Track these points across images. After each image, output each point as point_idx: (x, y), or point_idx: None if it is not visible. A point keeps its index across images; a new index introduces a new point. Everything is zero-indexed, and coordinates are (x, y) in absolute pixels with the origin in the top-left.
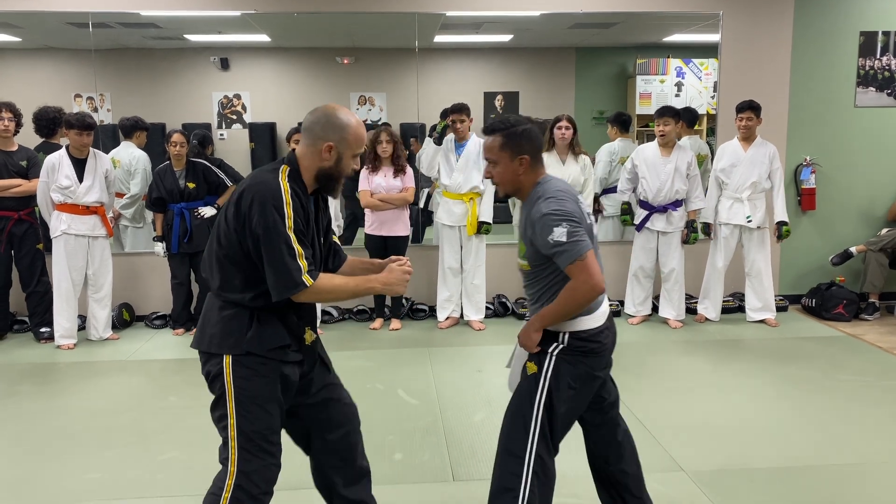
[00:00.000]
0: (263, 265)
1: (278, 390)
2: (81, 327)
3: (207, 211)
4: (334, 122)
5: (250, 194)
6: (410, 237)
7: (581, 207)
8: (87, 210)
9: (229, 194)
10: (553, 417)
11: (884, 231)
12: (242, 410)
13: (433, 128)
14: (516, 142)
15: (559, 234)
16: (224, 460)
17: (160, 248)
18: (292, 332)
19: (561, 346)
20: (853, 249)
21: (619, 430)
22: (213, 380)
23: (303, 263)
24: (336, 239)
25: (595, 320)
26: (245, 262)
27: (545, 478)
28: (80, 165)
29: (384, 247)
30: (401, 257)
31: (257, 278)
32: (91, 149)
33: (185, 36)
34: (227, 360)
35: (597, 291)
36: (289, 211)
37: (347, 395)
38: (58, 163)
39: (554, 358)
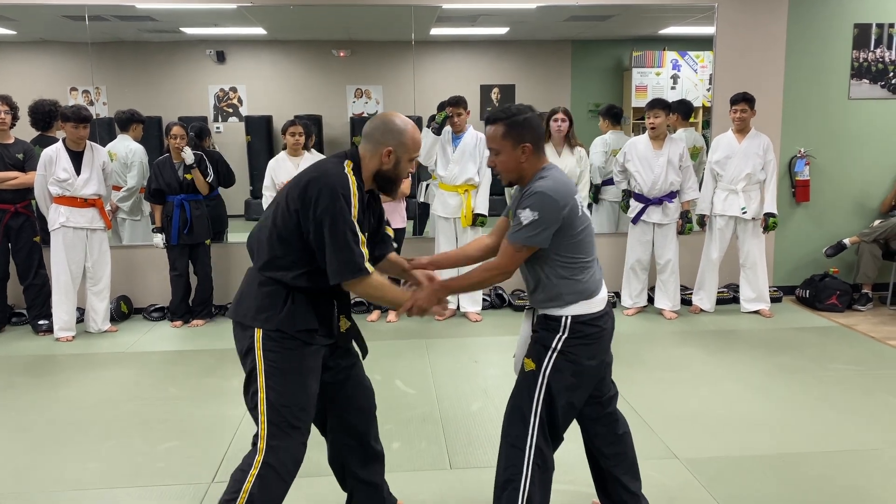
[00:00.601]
0: (324, 249)
1: (309, 364)
2: (80, 320)
3: (188, 157)
4: (392, 127)
5: (318, 182)
6: (407, 229)
7: (577, 199)
8: (85, 203)
9: (200, 179)
10: (553, 411)
11: (876, 222)
12: (272, 383)
13: (432, 118)
14: (518, 130)
15: (527, 216)
16: (254, 438)
17: (159, 239)
18: (323, 318)
19: (563, 335)
20: (846, 241)
21: (618, 425)
22: (246, 353)
23: (365, 251)
24: (389, 230)
25: (595, 304)
26: (298, 243)
27: (545, 469)
28: (77, 158)
29: None
30: (434, 274)
31: (305, 260)
32: (88, 141)
33: (182, 29)
34: (258, 335)
35: (504, 278)
36: (354, 201)
37: (367, 378)
38: (55, 156)
39: (555, 354)
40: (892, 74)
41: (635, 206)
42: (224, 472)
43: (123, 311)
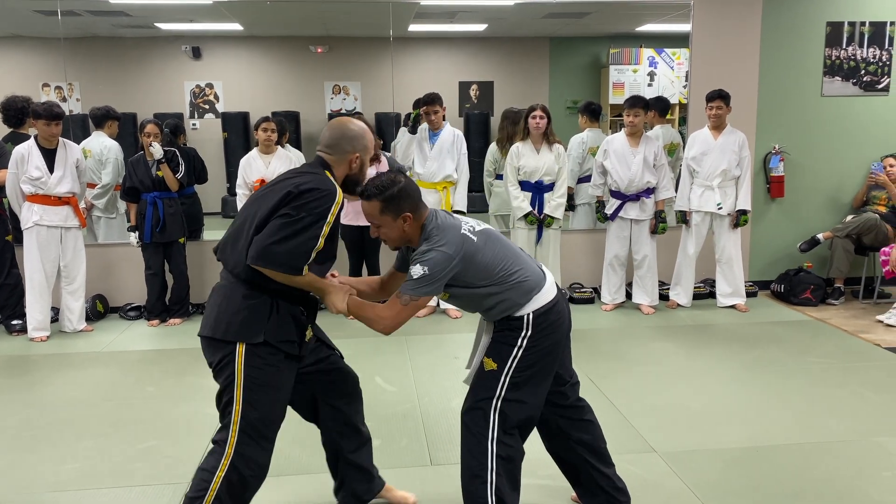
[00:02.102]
0: (275, 228)
1: (286, 377)
2: (54, 319)
3: (156, 151)
4: (352, 134)
5: (311, 184)
6: None
7: (464, 231)
8: (59, 201)
9: (170, 175)
10: (518, 405)
11: (849, 218)
12: (251, 398)
13: (408, 116)
14: (395, 203)
15: (417, 271)
16: (221, 441)
17: (134, 237)
18: (300, 328)
19: (527, 332)
20: (820, 236)
21: (584, 412)
22: (223, 368)
23: (312, 255)
24: None
25: (547, 294)
26: None
27: (509, 459)
28: (49, 156)
29: (360, 237)
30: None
31: None
32: (60, 139)
33: (156, 24)
34: (241, 349)
35: (384, 331)
36: (335, 210)
37: (347, 364)
38: (27, 153)
39: (520, 352)
40: (863, 72)
41: (613, 202)
42: None
43: (99, 310)
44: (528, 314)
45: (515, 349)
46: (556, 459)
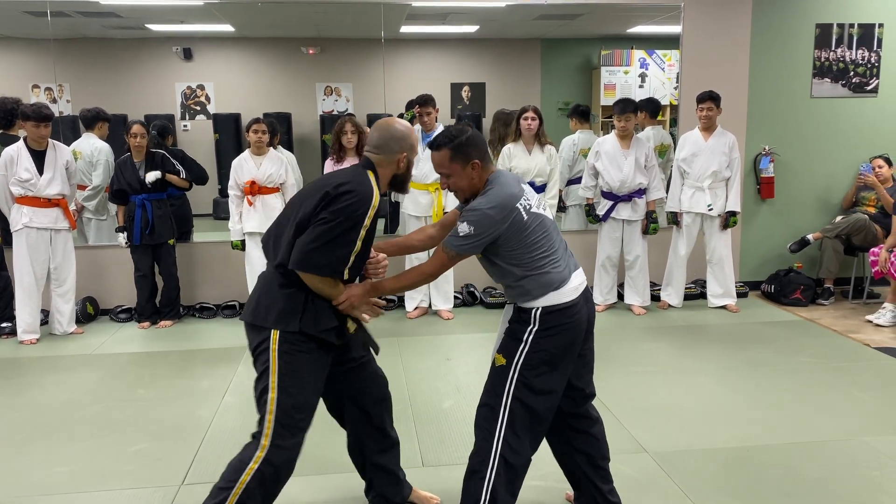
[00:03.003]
0: (314, 234)
1: (321, 368)
2: (44, 322)
3: (150, 176)
4: (399, 134)
5: (350, 186)
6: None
7: (523, 189)
8: (48, 203)
9: (177, 181)
10: (527, 405)
11: (838, 218)
12: (284, 385)
13: (401, 116)
14: (464, 150)
15: (463, 229)
16: (258, 434)
17: (122, 238)
18: (340, 318)
19: (533, 328)
20: (810, 237)
21: (591, 423)
22: (260, 354)
23: (351, 259)
24: None
25: (565, 294)
26: None
27: (511, 465)
28: (39, 157)
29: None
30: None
31: None
32: (50, 140)
33: (147, 25)
34: (275, 336)
35: (428, 281)
36: (371, 213)
37: (380, 368)
38: (16, 155)
39: (526, 347)
40: (852, 74)
41: (605, 203)
42: (194, 473)
43: (90, 312)
44: (538, 308)
45: (521, 344)
46: (559, 460)
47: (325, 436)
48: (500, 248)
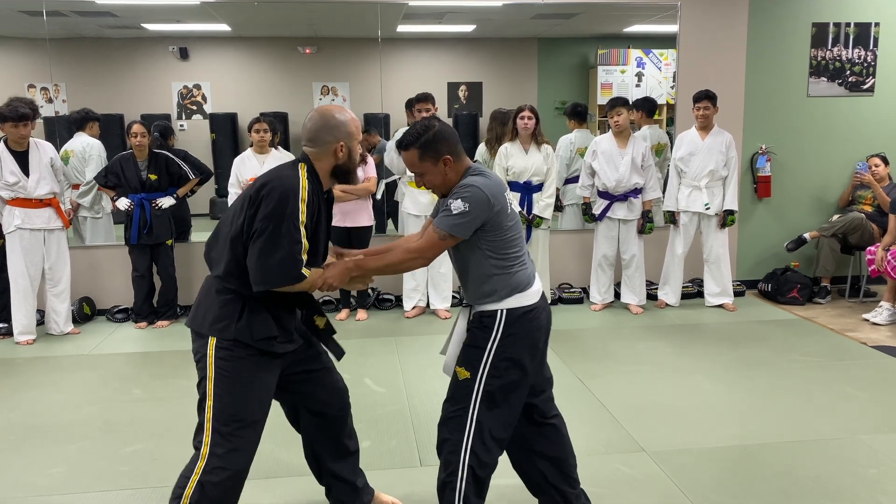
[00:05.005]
0: (259, 249)
1: (262, 376)
2: (40, 322)
3: (165, 202)
4: (335, 123)
5: (270, 185)
6: (374, 227)
7: (506, 197)
8: (40, 203)
9: (191, 186)
10: (494, 415)
11: (835, 217)
12: (220, 392)
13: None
14: (433, 148)
15: (458, 206)
16: (197, 444)
17: (125, 201)
18: (282, 324)
19: (497, 334)
20: (807, 235)
21: (553, 427)
22: (199, 360)
23: (304, 257)
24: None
25: (529, 297)
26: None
27: (480, 466)
28: (22, 158)
29: (348, 237)
30: (352, 251)
31: None
32: (31, 139)
33: (143, 25)
34: (212, 343)
35: (421, 264)
36: (303, 207)
37: (340, 379)
38: None
39: (491, 356)
40: (849, 73)
41: (601, 202)
42: None
43: (86, 312)
44: (502, 310)
45: (485, 353)
46: (518, 471)
47: (288, 438)
48: (482, 236)
